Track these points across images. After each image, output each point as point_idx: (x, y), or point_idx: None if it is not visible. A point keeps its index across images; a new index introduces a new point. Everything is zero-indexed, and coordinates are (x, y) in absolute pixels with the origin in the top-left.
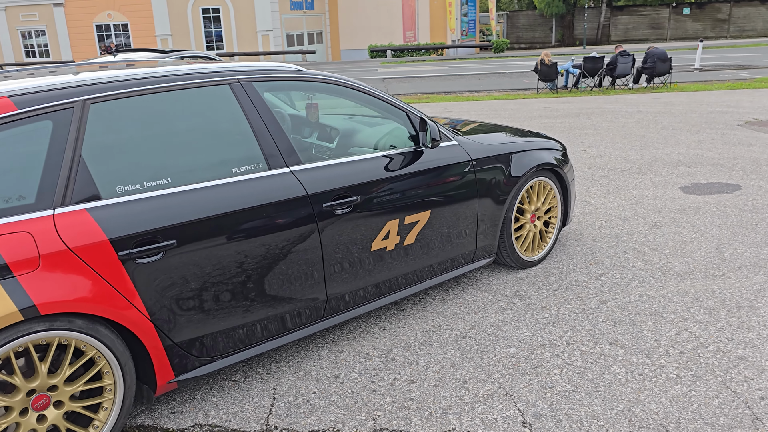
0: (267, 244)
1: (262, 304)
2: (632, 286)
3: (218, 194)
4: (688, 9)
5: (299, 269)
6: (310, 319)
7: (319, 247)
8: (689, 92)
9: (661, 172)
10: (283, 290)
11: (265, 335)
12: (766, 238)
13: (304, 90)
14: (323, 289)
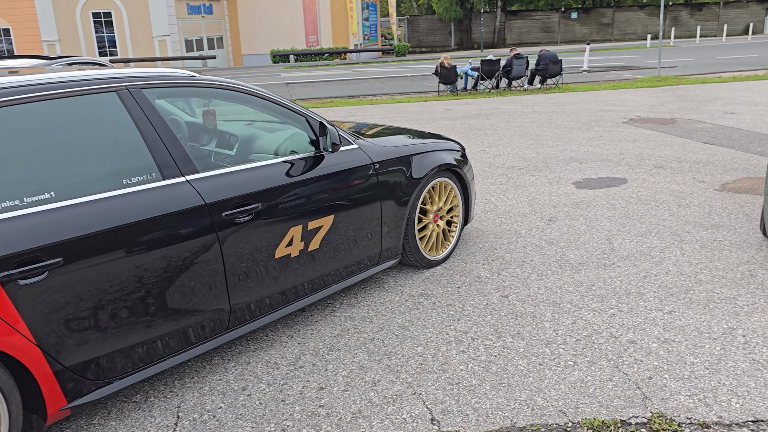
0: (164, 257)
1: (162, 319)
2: (531, 280)
3: (108, 207)
4: (576, 14)
5: (200, 281)
6: (214, 332)
7: (220, 257)
8: (579, 92)
9: (556, 169)
10: (183, 304)
11: (167, 352)
12: (650, 228)
13: (198, 96)
14: (227, 300)
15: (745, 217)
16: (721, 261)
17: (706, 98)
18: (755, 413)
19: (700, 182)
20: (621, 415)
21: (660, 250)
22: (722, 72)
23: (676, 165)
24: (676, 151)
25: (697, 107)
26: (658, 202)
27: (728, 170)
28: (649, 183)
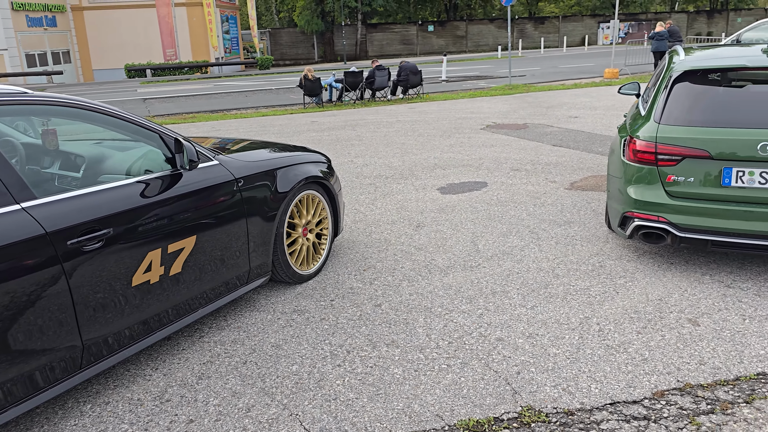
0: (1, 295)
1: (2, 364)
2: (403, 287)
3: None
4: (432, 27)
5: (46, 318)
6: (66, 373)
7: (67, 290)
8: (439, 101)
9: (421, 176)
10: (28, 344)
11: (10, 400)
12: (511, 228)
13: (33, 115)
14: (78, 336)
15: (593, 212)
16: (574, 255)
17: (553, 104)
18: (612, 396)
19: (552, 182)
20: (494, 412)
21: (520, 249)
22: (565, 80)
23: (530, 167)
24: (530, 154)
25: (545, 112)
26: (516, 203)
27: (575, 170)
28: (507, 185)
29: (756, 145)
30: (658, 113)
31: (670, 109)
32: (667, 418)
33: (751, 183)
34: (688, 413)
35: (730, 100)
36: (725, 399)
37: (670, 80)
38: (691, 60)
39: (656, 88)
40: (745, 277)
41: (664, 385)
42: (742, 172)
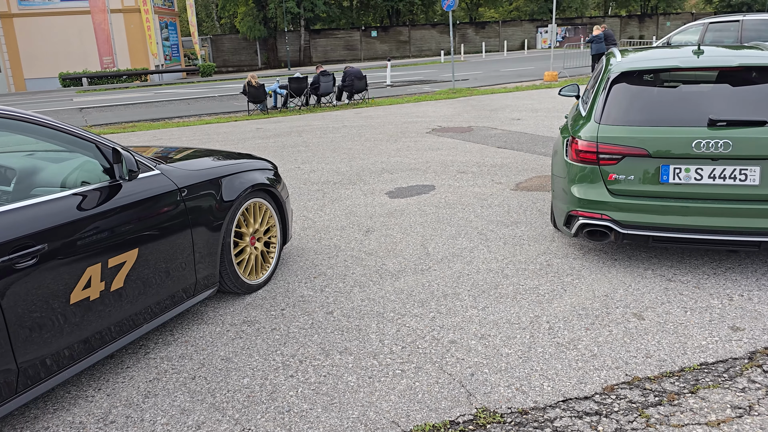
0: None
1: None
2: (354, 293)
3: None
4: (376, 32)
5: None
6: (0, 399)
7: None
8: (385, 106)
9: (369, 181)
10: None
11: None
12: (459, 230)
13: None
14: (12, 359)
15: (538, 212)
16: (522, 255)
17: (496, 107)
18: (564, 393)
19: (498, 183)
20: (449, 415)
21: (470, 251)
22: (507, 83)
23: (476, 169)
24: (475, 157)
25: (489, 115)
26: (464, 205)
27: (520, 171)
28: (455, 188)
29: (690, 142)
30: (598, 114)
31: (609, 109)
32: (618, 412)
33: (687, 179)
34: (637, 406)
35: (665, 100)
36: (672, 390)
37: (608, 81)
38: (627, 61)
39: (595, 89)
40: (685, 271)
41: (614, 380)
42: (678, 169)
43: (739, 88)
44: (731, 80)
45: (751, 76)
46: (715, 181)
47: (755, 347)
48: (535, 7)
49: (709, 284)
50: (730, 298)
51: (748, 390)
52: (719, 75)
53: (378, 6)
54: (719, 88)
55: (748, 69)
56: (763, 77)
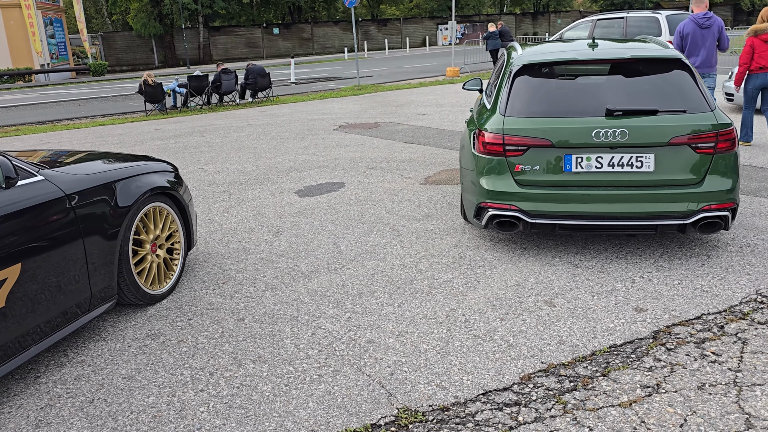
0: None
1: None
2: (266, 297)
3: None
4: (278, 29)
5: None
6: None
7: None
8: (290, 104)
9: (277, 180)
10: None
11: None
12: (371, 227)
13: None
14: None
15: (448, 205)
16: (435, 249)
17: (402, 102)
18: (483, 385)
19: (408, 178)
20: (370, 418)
21: (383, 247)
22: (411, 79)
23: (385, 165)
24: (384, 152)
25: (395, 111)
26: (375, 201)
27: (428, 165)
28: (365, 184)
29: (590, 132)
30: (502, 106)
31: (513, 101)
32: (536, 401)
33: (588, 168)
34: (554, 393)
35: (566, 91)
36: (585, 375)
37: (511, 74)
38: (528, 55)
39: (498, 82)
40: (590, 256)
41: (530, 369)
42: (580, 158)
43: (633, 79)
44: (625, 72)
45: (642, 67)
46: (614, 168)
47: (658, 326)
48: (434, 5)
49: (612, 268)
50: (632, 280)
51: (655, 369)
52: (613, 67)
53: (279, 3)
54: (614, 79)
55: (639, 60)
56: (652, 68)
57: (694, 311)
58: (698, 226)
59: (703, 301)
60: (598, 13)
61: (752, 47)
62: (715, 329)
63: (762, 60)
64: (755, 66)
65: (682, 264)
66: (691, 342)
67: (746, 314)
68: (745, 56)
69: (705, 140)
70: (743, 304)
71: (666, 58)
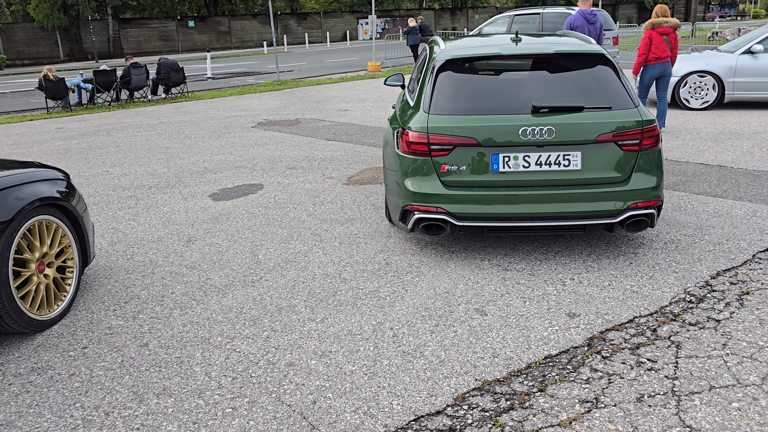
0: None
1: None
2: (175, 317)
3: None
4: (193, 22)
5: None
6: None
7: None
8: (206, 100)
9: (190, 183)
10: None
11: None
12: (292, 232)
13: None
14: None
15: (372, 207)
16: (359, 255)
17: (322, 98)
18: (415, 410)
19: (330, 178)
20: None
21: (304, 255)
22: (332, 74)
23: (306, 164)
24: (304, 151)
25: (316, 107)
26: (295, 204)
27: (351, 164)
28: (285, 185)
29: (517, 130)
30: (426, 103)
31: (437, 98)
32: (472, 425)
33: (516, 167)
34: (490, 414)
35: (491, 88)
36: (521, 391)
37: (434, 70)
38: (450, 49)
39: (421, 78)
40: (519, 258)
41: (464, 387)
42: (507, 157)
43: (557, 75)
44: (549, 67)
45: (567, 63)
46: (541, 167)
47: (592, 333)
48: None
49: (542, 270)
50: (563, 283)
51: (592, 380)
52: (538, 62)
53: None
54: (539, 75)
55: (563, 56)
56: (576, 63)
57: (626, 314)
58: (626, 224)
59: (634, 303)
60: (514, 8)
61: (650, 39)
62: (648, 333)
63: (658, 51)
64: (652, 57)
65: (611, 263)
66: (626, 348)
67: (677, 315)
68: (644, 47)
69: (630, 137)
70: (673, 304)
71: (590, 53)
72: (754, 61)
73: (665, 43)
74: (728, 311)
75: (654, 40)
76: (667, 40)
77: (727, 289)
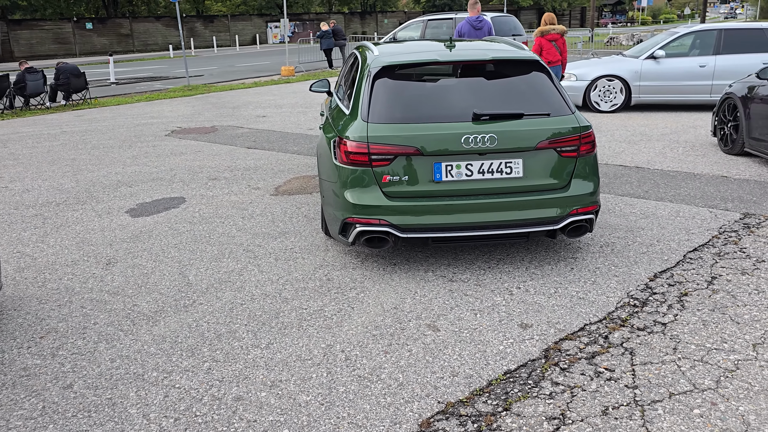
0: None
1: None
2: (101, 351)
3: None
4: (91, 24)
5: None
6: None
7: None
8: (112, 107)
9: (103, 198)
10: None
11: None
12: (222, 249)
13: None
14: None
15: (305, 218)
16: (298, 271)
17: (238, 104)
18: None
19: (256, 189)
20: None
21: (238, 273)
22: (244, 78)
23: (229, 174)
24: (225, 160)
25: (232, 113)
26: (223, 218)
27: (277, 173)
28: (209, 198)
29: (459, 138)
30: (364, 111)
31: (375, 106)
32: None
33: (459, 176)
34: None
35: (430, 95)
36: (486, 411)
37: (370, 77)
38: (385, 55)
39: (356, 85)
40: (463, 268)
41: (428, 411)
42: (450, 166)
43: (495, 81)
44: (486, 73)
45: (503, 69)
46: (484, 176)
47: (547, 344)
48: (263, 2)
49: (487, 280)
50: (510, 292)
51: (555, 395)
52: (475, 68)
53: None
54: (477, 81)
55: (500, 62)
56: (512, 70)
57: (576, 322)
58: (567, 230)
59: (582, 310)
60: (422, 14)
61: (540, 46)
62: (601, 341)
63: (549, 56)
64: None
65: (553, 270)
66: (582, 358)
67: (625, 320)
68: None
69: (569, 143)
70: (619, 309)
71: (525, 59)
72: (657, 66)
73: (555, 48)
74: (672, 314)
75: (544, 46)
76: (556, 46)
77: (666, 291)
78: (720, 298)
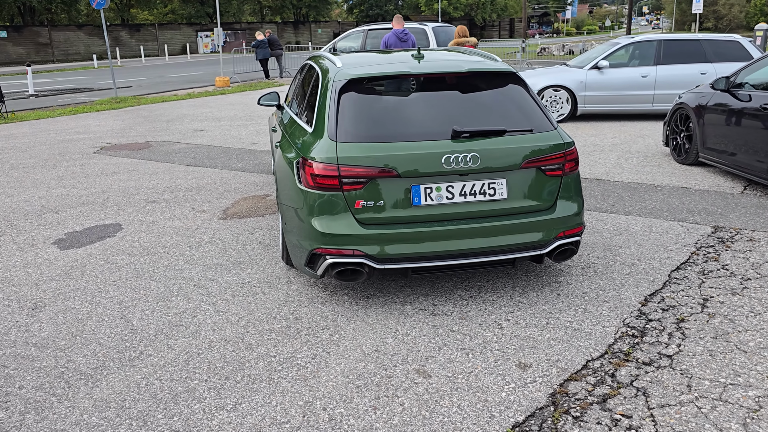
0: None
1: None
2: (29, 425)
3: None
4: (5, 32)
5: None
6: None
7: None
8: (31, 121)
9: (25, 228)
10: None
11: None
12: (169, 286)
13: None
14: None
15: (260, 245)
16: (260, 310)
17: (172, 117)
18: None
19: (201, 212)
20: None
21: (191, 315)
22: (177, 90)
23: (169, 196)
24: (164, 179)
25: (166, 127)
26: (167, 248)
27: (222, 193)
28: (149, 224)
29: (440, 158)
30: (332, 129)
31: (343, 123)
32: None
33: (439, 199)
34: None
35: (404, 110)
36: None
37: (335, 91)
38: (351, 67)
39: (318, 100)
40: (443, 299)
41: None
42: (429, 188)
43: (472, 95)
44: (461, 87)
45: (479, 82)
46: (466, 198)
47: (552, 387)
48: (192, 11)
49: (472, 312)
50: (499, 325)
51: None
52: (449, 81)
53: (5, 2)
54: (453, 95)
55: (475, 75)
56: (488, 83)
57: (578, 359)
58: (554, 255)
59: (581, 344)
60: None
61: None
62: (609, 380)
63: None
64: None
65: (539, 297)
66: (594, 403)
67: (628, 354)
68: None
69: (554, 161)
70: (618, 341)
71: (501, 71)
72: (600, 76)
73: None
74: (674, 344)
75: None
76: None
77: (662, 318)
78: (718, 323)
